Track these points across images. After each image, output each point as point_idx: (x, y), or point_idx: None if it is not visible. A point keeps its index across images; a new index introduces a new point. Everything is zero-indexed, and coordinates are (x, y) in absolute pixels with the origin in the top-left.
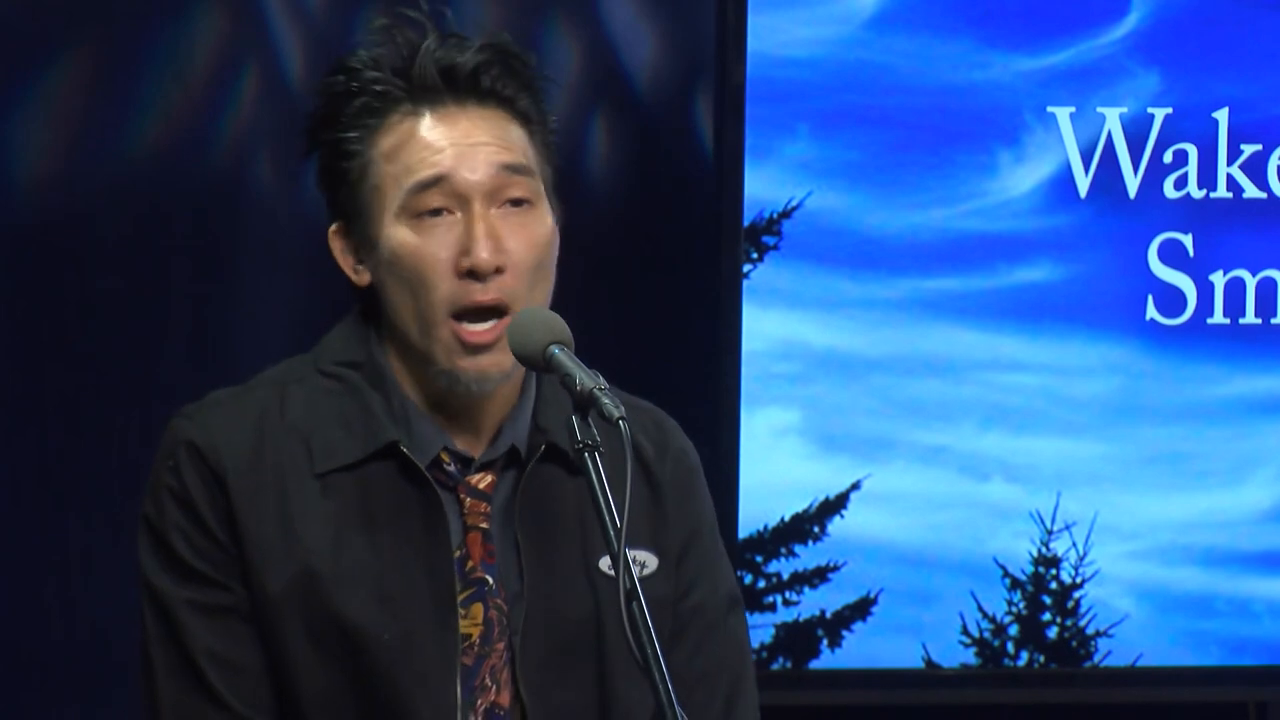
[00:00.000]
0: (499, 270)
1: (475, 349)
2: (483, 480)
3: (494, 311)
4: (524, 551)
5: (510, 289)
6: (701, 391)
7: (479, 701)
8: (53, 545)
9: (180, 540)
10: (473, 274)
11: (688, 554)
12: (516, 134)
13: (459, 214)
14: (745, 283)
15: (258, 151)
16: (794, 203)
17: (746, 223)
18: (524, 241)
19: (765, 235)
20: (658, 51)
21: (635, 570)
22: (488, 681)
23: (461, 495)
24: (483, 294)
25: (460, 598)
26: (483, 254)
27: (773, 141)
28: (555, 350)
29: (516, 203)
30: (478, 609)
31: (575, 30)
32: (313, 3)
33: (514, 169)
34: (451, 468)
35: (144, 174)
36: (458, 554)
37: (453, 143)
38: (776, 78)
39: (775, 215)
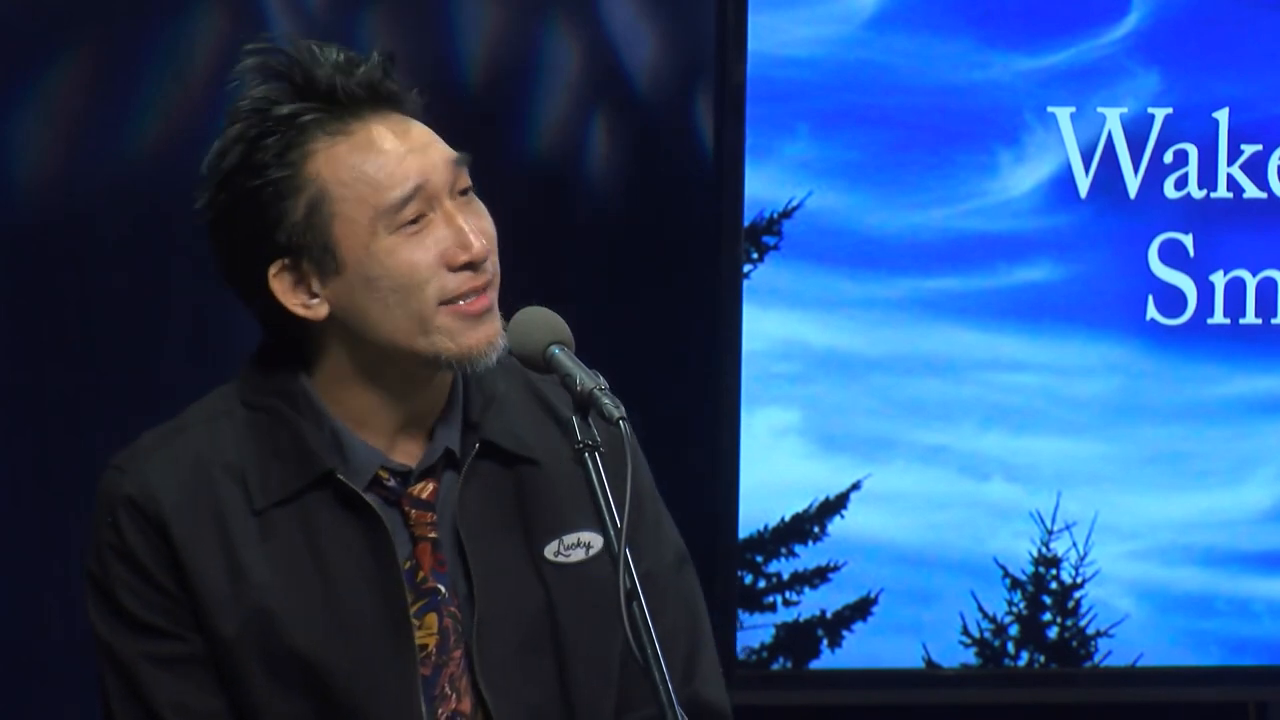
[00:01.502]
0: (485, 259)
1: (478, 316)
2: (424, 489)
3: (484, 290)
4: (469, 552)
5: (493, 268)
6: (701, 391)
7: (440, 711)
8: (53, 545)
9: (128, 596)
10: (469, 266)
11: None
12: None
13: (431, 215)
14: (745, 283)
15: None
16: (794, 202)
17: (746, 222)
18: (487, 223)
19: (765, 235)
20: (658, 51)
21: (580, 553)
22: (447, 690)
23: (406, 507)
24: (475, 280)
25: (413, 609)
26: (477, 245)
27: (773, 141)
28: (555, 350)
29: (464, 192)
30: (432, 619)
31: (575, 30)
32: (313, 3)
33: (459, 161)
34: (391, 483)
35: (144, 174)
36: (408, 565)
37: (409, 149)
38: (776, 77)
39: (775, 215)
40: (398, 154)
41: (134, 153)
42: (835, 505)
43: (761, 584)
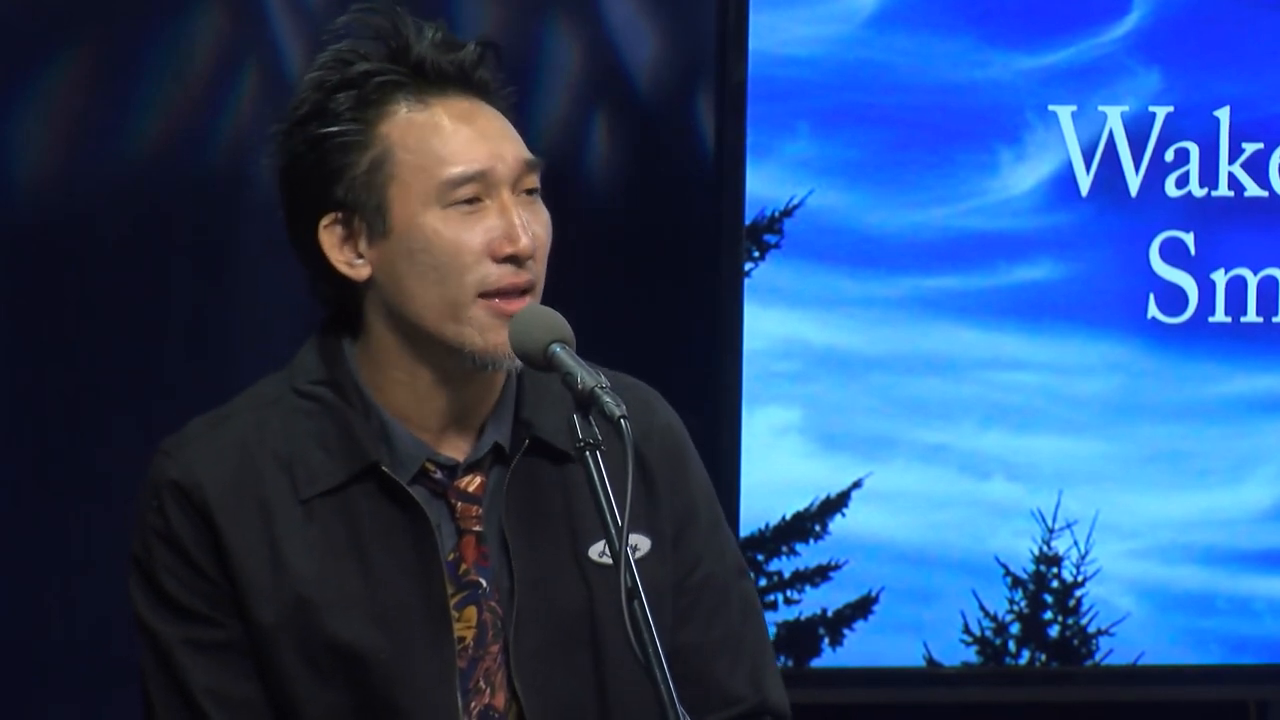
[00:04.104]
0: (530, 258)
1: (511, 317)
2: (471, 482)
3: (525, 292)
4: (512, 546)
5: (537, 272)
6: (702, 390)
7: (473, 704)
8: (53, 545)
9: (170, 580)
10: (513, 259)
11: (687, 529)
12: (514, 126)
13: (488, 202)
14: (746, 281)
15: (258, 151)
16: (795, 201)
17: (747, 221)
18: (542, 227)
19: (766, 234)
20: (658, 50)
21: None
22: (481, 684)
23: (452, 500)
24: (516, 277)
25: (453, 601)
26: (525, 240)
27: (773, 140)
28: (556, 348)
29: (529, 191)
30: (471, 612)
31: (575, 29)
32: (313, 2)
33: (532, 165)
34: (438, 475)
35: (144, 174)
36: (451, 557)
37: (483, 135)
38: (777, 76)
39: (776, 214)
40: (469, 135)
41: (134, 153)
42: (836, 504)
43: (763, 582)
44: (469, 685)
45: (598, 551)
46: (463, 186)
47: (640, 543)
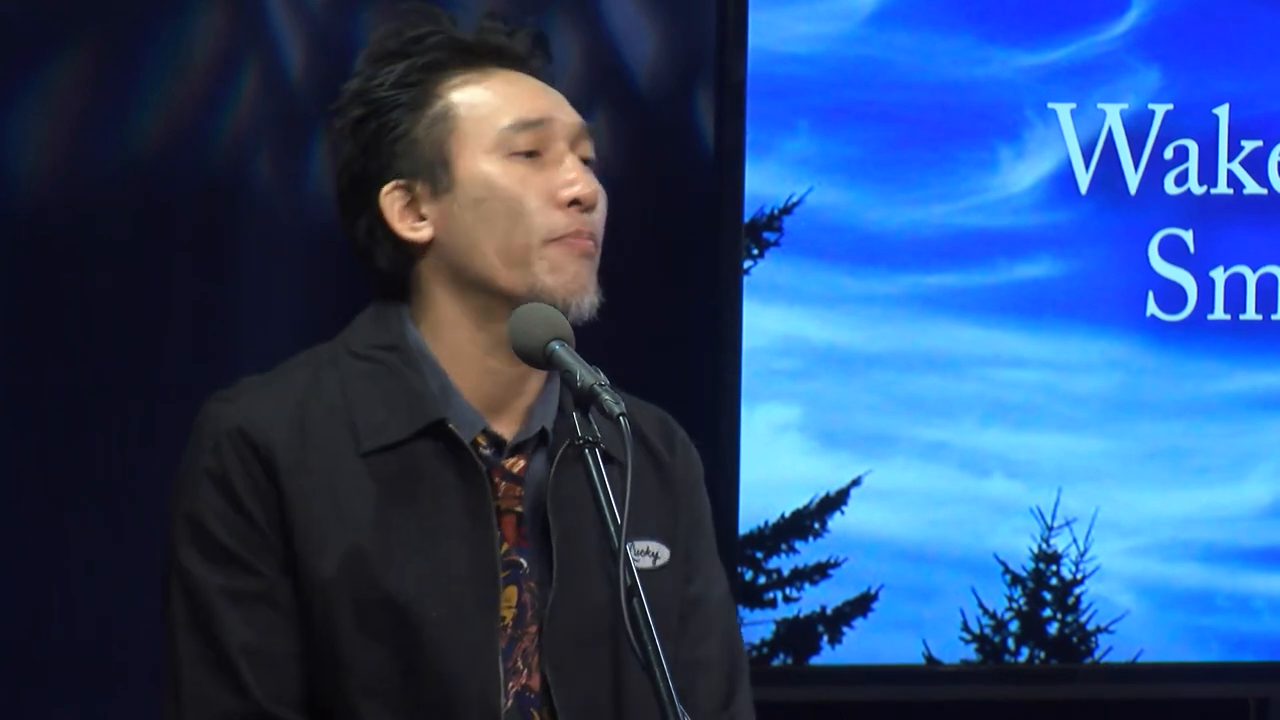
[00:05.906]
0: (593, 207)
1: (581, 255)
2: (515, 464)
3: (590, 237)
4: (555, 536)
5: (598, 226)
6: (702, 387)
7: (510, 684)
8: (53, 545)
9: (215, 521)
10: (576, 203)
11: (691, 544)
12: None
13: (547, 156)
14: (746, 279)
15: (258, 148)
16: (794, 199)
17: (747, 219)
18: (600, 192)
19: (766, 231)
20: (658, 48)
21: (648, 561)
22: (519, 665)
23: (496, 479)
24: (582, 223)
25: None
26: (587, 187)
27: (773, 137)
28: (556, 346)
29: (586, 162)
30: (512, 591)
31: (575, 27)
32: (313, 2)
33: (589, 130)
34: (488, 451)
35: (145, 171)
36: (495, 535)
37: (542, 92)
38: (777, 74)
39: (776, 211)
40: (529, 89)
41: (134, 151)
42: (836, 501)
43: (762, 580)
44: (508, 665)
45: (631, 554)
46: (523, 134)
47: (660, 552)
